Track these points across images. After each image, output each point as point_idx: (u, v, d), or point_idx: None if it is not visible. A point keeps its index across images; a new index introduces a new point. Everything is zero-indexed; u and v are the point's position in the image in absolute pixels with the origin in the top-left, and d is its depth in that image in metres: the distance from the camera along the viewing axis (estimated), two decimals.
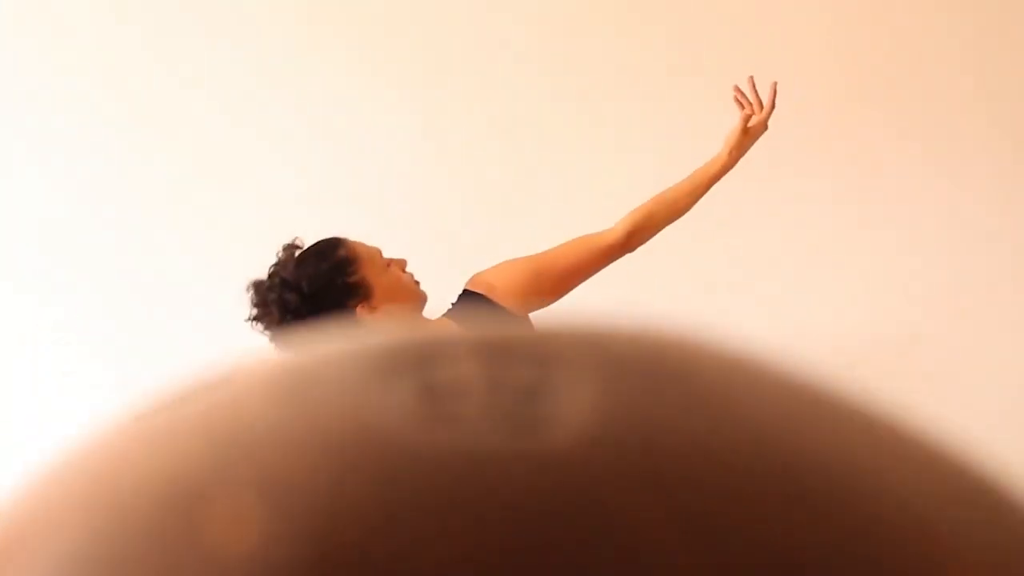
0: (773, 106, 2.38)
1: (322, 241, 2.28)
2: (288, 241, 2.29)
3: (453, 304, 2.27)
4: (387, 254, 2.30)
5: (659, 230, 2.34)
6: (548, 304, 2.24)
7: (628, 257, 2.30)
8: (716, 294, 3.04)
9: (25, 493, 0.24)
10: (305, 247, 2.27)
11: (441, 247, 2.92)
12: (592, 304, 2.65)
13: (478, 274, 2.29)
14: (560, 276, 2.26)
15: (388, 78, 3.11)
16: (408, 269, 2.31)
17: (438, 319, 2.22)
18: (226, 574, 0.20)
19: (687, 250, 3.05)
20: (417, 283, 2.30)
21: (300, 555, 0.20)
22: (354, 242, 2.28)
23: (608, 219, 2.29)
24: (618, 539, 0.20)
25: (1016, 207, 3.11)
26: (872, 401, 0.25)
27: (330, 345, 0.26)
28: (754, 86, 2.39)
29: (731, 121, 2.81)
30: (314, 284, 2.22)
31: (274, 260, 2.27)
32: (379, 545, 0.20)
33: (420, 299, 2.29)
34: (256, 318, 2.26)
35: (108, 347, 3.06)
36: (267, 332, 2.26)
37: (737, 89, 2.40)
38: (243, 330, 2.96)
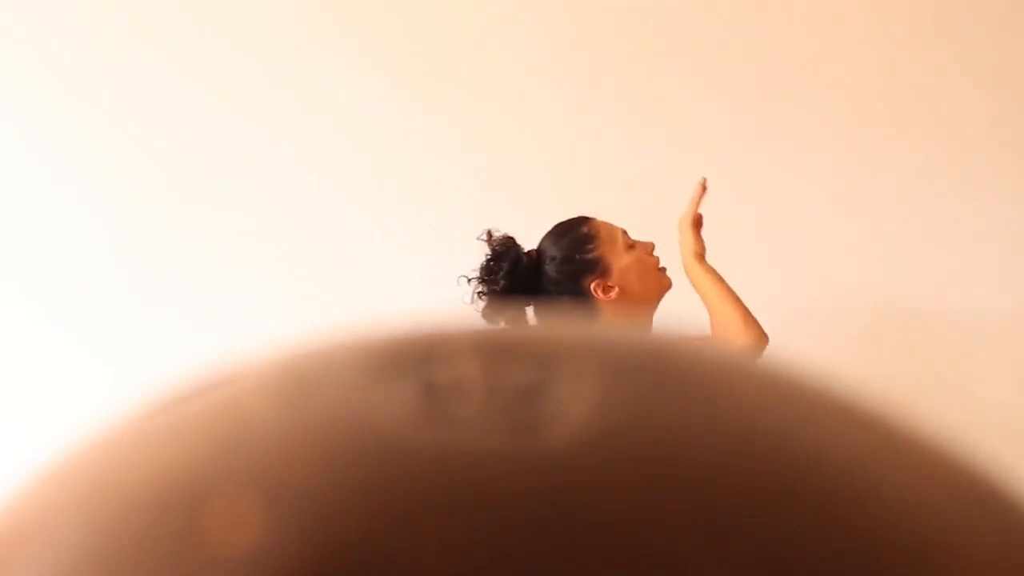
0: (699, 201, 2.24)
1: (570, 219, 2.29)
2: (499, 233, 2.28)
3: None
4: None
5: (745, 320, 2.22)
6: None
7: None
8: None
9: (25, 493, 0.24)
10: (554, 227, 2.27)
11: (442, 247, 2.92)
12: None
13: None
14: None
15: (390, 77, 3.11)
16: (654, 254, 2.27)
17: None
18: (226, 574, 0.20)
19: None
20: (662, 269, 2.27)
21: (300, 555, 0.20)
22: (599, 222, 2.28)
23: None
24: (618, 539, 0.20)
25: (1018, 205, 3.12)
26: (872, 400, 0.25)
27: (330, 345, 0.26)
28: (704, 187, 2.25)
29: (730, 118, 2.81)
30: (550, 256, 2.25)
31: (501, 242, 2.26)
32: (379, 545, 0.20)
33: (661, 284, 2.26)
34: (484, 281, 2.25)
35: (108, 347, 3.06)
36: (485, 300, 2.24)
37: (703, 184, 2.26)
38: (243, 330, 2.97)
